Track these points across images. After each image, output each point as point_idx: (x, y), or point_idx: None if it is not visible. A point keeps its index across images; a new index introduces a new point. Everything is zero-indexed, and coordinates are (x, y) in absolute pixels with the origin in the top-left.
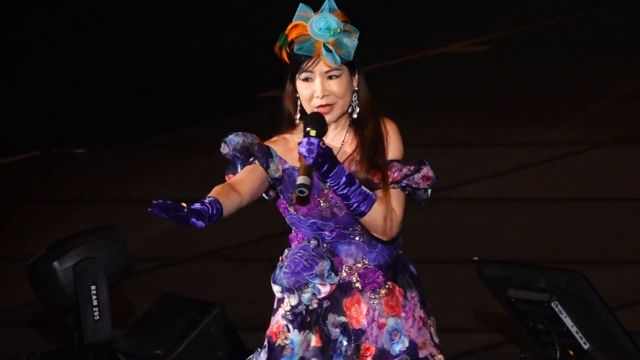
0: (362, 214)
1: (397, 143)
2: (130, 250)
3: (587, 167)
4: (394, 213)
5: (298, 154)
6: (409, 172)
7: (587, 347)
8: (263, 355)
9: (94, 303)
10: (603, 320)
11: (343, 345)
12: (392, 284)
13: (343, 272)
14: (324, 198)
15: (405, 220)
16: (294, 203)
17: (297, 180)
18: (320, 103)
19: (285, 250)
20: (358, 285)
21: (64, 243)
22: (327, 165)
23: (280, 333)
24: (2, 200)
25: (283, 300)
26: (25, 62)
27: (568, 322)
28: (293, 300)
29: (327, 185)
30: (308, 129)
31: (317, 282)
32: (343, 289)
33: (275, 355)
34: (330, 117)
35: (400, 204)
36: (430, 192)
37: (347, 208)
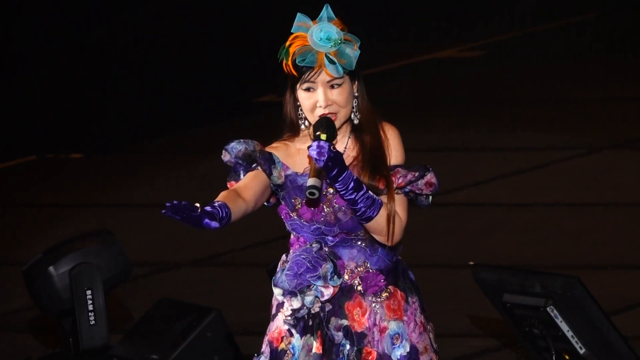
0: (369, 219)
1: (398, 149)
2: (127, 255)
3: (583, 171)
4: (399, 218)
5: (308, 157)
6: (414, 178)
7: (583, 352)
8: None
9: (90, 308)
10: (599, 325)
11: (346, 349)
12: (393, 288)
13: (345, 275)
14: (328, 203)
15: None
16: (297, 207)
17: (307, 182)
18: (323, 113)
19: (283, 256)
20: (360, 289)
21: (60, 248)
22: (336, 170)
23: (283, 338)
24: None
25: (282, 305)
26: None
27: (564, 327)
28: (295, 303)
29: (331, 190)
30: (318, 133)
31: (319, 284)
32: (345, 293)
33: None
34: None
35: (405, 210)
36: (431, 198)
37: (353, 213)
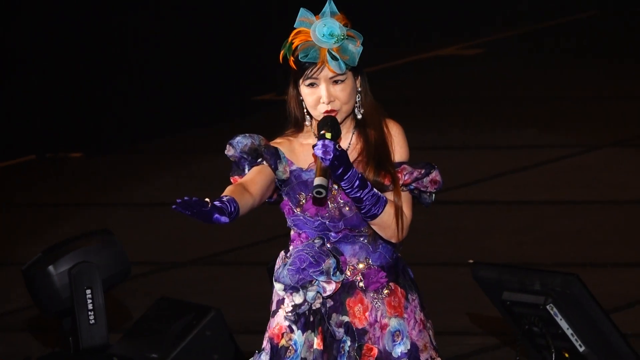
0: (374, 217)
1: (403, 145)
2: (126, 254)
3: (582, 169)
4: (404, 215)
5: (313, 156)
6: (420, 175)
7: (582, 349)
8: (264, 357)
9: (90, 307)
10: (598, 323)
11: (346, 345)
12: (394, 285)
13: (347, 271)
14: (332, 199)
15: None
16: (302, 203)
17: (314, 182)
18: (326, 109)
19: (282, 252)
20: (362, 285)
21: (60, 247)
22: (342, 168)
23: (284, 334)
24: None
25: (283, 302)
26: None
27: (563, 324)
28: (297, 299)
29: (335, 186)
30: (323, 132)
31: (322, 279)
32: (346, 289)
33: (279, 357)
34: None
35: (410, 207)
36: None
37: (359, 211)
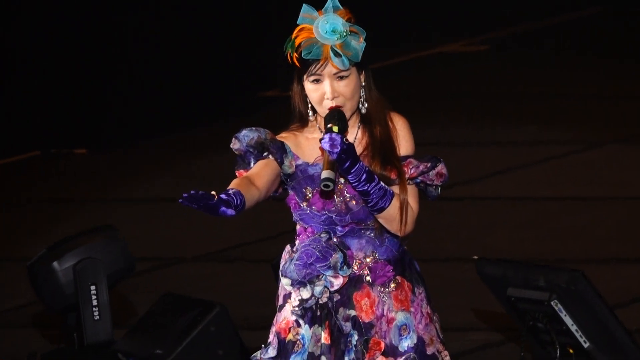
0: (380, 210)
1: (408, 139)
2: (130, 250)
3: (586, 166)
4: (411, 209)
5: (320, 149)
6: (426, 169)
7: (587, 346)
8: (271, 352)
9: (94, 303)
10: (603, 319)
11: (354, 339)
12: (401, 279)
13: (354, 265)
14: (339, 193)
15: None
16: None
17: (321, 175)
18: (331, 105)
19: (287, 247)
20: (369, 279)
21: (64, 243)
22: (349, 162)
23: (291, 329)
24: (1, 201)
25: (290, 296)
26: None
27: (568, 321)
28: (305, 294)
29: (342, 180)
30: (330, 125)
31: (329, 274)
32: (353, 283)
33: (287, 351)
34: None
35: (416, 200)
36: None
37: (365, 204)
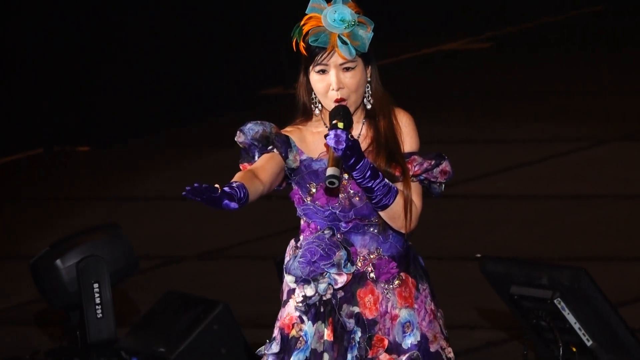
0: (384, 207)
1: (413, 135)
2: (134, 248)
3: (589, 163)
4: (414, 206)
5: (325, 145)
6: (430, 166)
7: (590, 344)
8: (275, 347)
9: (97, 301)
10: (606, 317)
11: (357, 336)
12: (405, 275)
13: (358, 262)
14: (342, 189)
15: None
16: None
17: (326, 172)
18: (336, 97)
19: (292, 242)
20: (372, 276)
21: (67, 241)
22: (354, 158)
23: (294, 325)
24: (4, 199)
25: (294, 292)
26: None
27: (571, 319)
28: (309, 291)
29: (346, 176)
30: (335, 121)
31: (333, 271)
32: (357, 280)
33: (289, 347)
34: None
35: (420, 197)
36: (444, 187)
37: (369, 201)
